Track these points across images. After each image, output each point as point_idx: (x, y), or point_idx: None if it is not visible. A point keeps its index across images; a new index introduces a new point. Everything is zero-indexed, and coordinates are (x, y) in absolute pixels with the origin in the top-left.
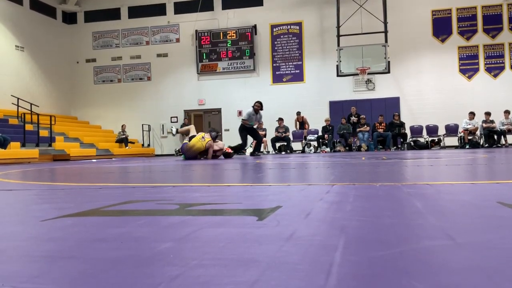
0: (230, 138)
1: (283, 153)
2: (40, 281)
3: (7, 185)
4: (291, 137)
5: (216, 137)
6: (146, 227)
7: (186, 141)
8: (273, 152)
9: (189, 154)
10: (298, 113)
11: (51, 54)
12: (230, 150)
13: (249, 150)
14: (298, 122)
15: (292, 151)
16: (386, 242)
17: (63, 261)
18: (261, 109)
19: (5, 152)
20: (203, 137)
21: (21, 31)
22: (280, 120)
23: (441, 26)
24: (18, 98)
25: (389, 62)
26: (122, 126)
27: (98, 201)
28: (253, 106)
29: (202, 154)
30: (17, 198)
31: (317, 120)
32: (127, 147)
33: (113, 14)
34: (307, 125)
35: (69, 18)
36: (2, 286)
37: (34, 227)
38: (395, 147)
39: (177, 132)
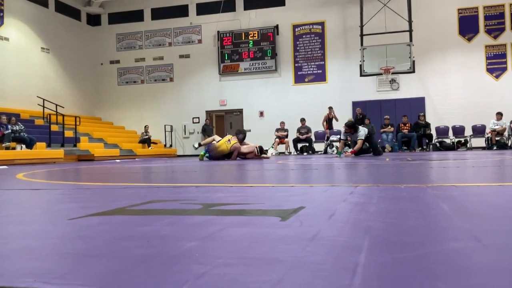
0: (252, 139)
1: (305, 154)
2: (70, 278)
3: (34, 184)
4: (313, 137)
5: (244, 138)
6: (171, 226)
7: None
8: (295, 153)
9: (214, 154)
10: (330, 108)
11: (76, 55)
12: (257, 152)
13: (270, 150)
14: (328, 119)
15: (314, 152)
16: (411, 243)
17: (92, 259)
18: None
19: (31, 152)
20: (229, 140)
21: (47, 33)
22: (303, 120)
23: (467, 25)
24: (43, 99)
25: (414, 61)
26: (145, 126)
27: (123, 201)
28: None
29: (226, 156)
30: (44, 197)
31: (339, 120)
32: (149, 148)
33: (136, 15)
34: (335, 120)
35: (94, 20)
36: (34, 282)
37: (62, 226)
38: (420, 148)
39: (199, 145)
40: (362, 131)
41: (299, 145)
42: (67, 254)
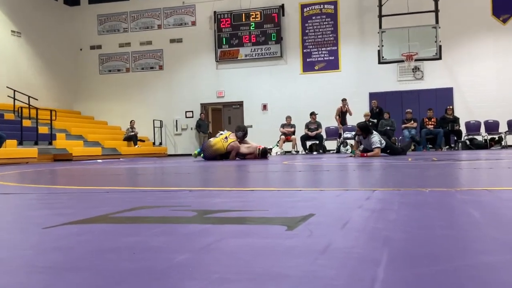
0: (254, 136)
1: (314, 153)
2: None
3: (4, 188)
4: (324, 134)
5: (244, 136)
6: (160, 236)
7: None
8: (303, 152)
9: (208, 153)
10: (344, 100)
11: (51, 40)
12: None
13: (275, 149)
14: (341, 112)
15: (325, 151)
16: (437, 256)
17: (70, 273)
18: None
19: (1, 151)
20: (226, 138)
21: (17, 14)
22: (313, 114)
23: (502, 4)
24: (14, 90)
25: (440, 46)
26: (130, 122)
27: (106, 207)
28: None
29: (223, 156)
30: (15, 202)
31: (355, 114)
32: (136, 146)
33: None
34: (349, 114)
35: None
36: None
37: (36, 235)
38: (447, 147)
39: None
40: (377, 137)
41: (308, 143)
42: (41, 267)
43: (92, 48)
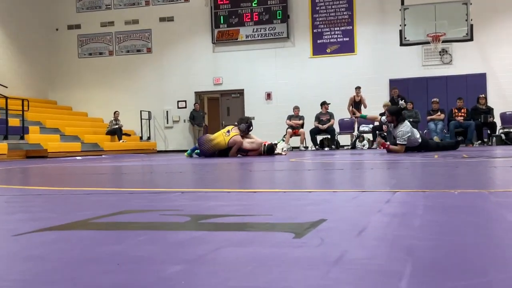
0: (256, 130)
1: (326, 149)
2: None
3: None
4: (336, 127)
5: (248, 129)
6: (148, 245)
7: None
8: (313, 148)
9: (206, 148)
10: (358, 89)
11: (22, 19)
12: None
13: (281, 144)
14: (354, 102)
15: (338, 146)
16: (469, 268)
17: (45, 287)
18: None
19: None
20: (228, 131)
21: None
22: (325, 104)
23: None
24: None
25: (471, 25)
26: (114, 113)
27: (86, 211)
28: None
29: (222, 153)
30: None
31: (373, 104)
32: (121, 141)
33: None
34: (363, 105)
35: None
36: None
37: (5, 243)
38: (479, 142)
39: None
40: (405, 130)
41: (319, 138)
42: (11, 280)
43: (69, 28)
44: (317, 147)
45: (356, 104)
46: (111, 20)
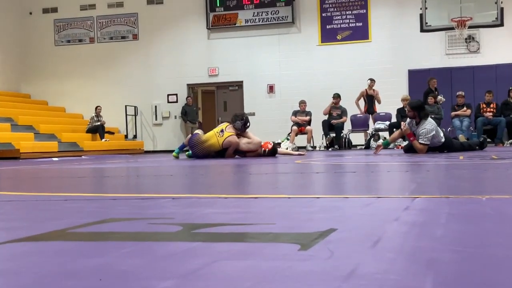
0: (257, 127)
1: (331, 148)
2: None
3: None
4: (348, 125)
5: (244, 126)
6: (134, 258)
7: (198, 131)
8: (322, 148)
9: (198, 150)
10: (371, 81)
11: None
12: (270, 147)
13: (285, 144)
14: (366, 95)
15: (350, 146)
16: (498, 284)
17: None
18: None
19: None
20: (221, 131)
21: None
22: (337, 96)
23: None
24: None
25: (502, 9)
26: (96, 108)
27: (64, 219)
28: None
29: (218, 153)
30: None
31: (390, 98)
32: (103, 140)
33: None
34: (377, 101)
35: None
36: None
37: None
38: (511, 141)
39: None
40: (428, 127)
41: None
42: None
43: (45, 12)
44: (327, 145)
45: (369, 98)
46: (92, 3)
